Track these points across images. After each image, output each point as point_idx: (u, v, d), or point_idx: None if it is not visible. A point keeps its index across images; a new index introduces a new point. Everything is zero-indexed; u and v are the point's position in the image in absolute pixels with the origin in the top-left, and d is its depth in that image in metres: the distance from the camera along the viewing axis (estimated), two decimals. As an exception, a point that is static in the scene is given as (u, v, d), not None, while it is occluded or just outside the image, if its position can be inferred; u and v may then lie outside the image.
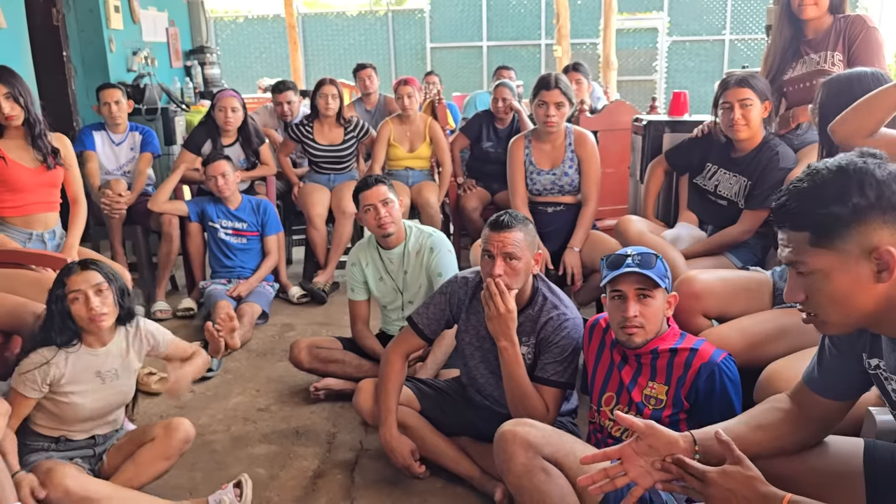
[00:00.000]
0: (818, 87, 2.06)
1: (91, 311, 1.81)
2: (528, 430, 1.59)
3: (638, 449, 1.25)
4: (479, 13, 10.80)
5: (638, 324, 1.65)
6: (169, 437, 1.93)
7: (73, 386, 1.87)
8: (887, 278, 1.04)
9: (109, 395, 1.94)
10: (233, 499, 1.87)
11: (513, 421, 1.65)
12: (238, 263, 3.53)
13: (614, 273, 1.67)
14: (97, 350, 1.91)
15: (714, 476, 1.16)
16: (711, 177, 2.57)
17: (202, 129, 3.78)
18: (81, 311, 1.82)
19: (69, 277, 1.84)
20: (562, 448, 1.57)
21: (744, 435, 1.28)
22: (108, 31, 4.81)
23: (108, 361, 1.93)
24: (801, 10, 2.46)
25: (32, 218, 2.72)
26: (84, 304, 1.82)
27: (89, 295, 1.82)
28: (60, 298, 1.84)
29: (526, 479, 1.53)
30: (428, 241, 2.56)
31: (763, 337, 1.85)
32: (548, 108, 2.78)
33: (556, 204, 2.95)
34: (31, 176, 2.66)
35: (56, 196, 2.80)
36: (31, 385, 1.82)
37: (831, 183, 1.05)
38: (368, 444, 2.33)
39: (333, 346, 2.68)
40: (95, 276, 1.84)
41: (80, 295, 1.82)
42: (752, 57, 9.88)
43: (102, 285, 1.84)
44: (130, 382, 2.00)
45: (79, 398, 1.88)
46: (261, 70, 10.70)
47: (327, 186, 3.95)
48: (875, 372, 1.20)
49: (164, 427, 1.96)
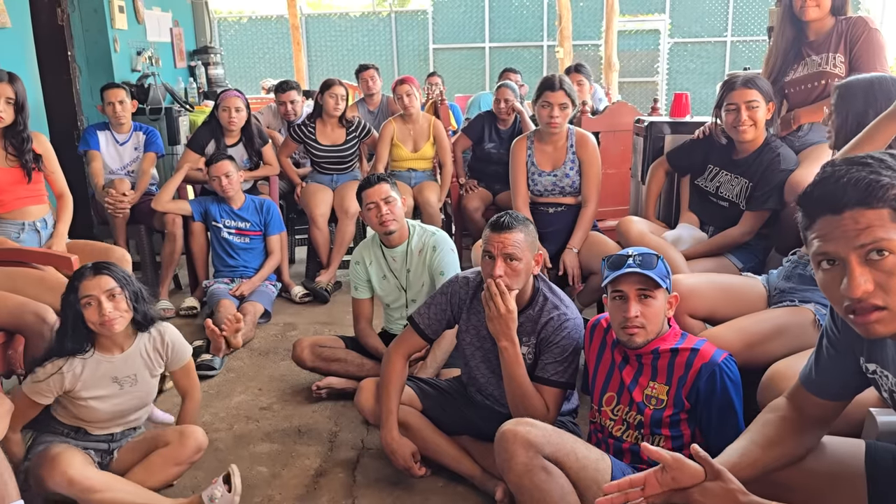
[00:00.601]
0: (832, 89, 2.05)
1: (103, 315, 1.81)
2: (529, 429, 1.59)
3: (662, 480, 1.20)
4: (481, 15, 10.82)
5: (639, 324, 1.66)
6: (182, 444, 1.94)
7: (89, 391, 1.88)
8: None
9: (127, 399, 1.95)
10: (224, 492, 1.88)
11: (513, 420, 1.65)
12: (241, 263, 3.55)
13: (616, 273, 1.67)
14: (114, 356, 1.91)
15: (695, 494, 1.14)
16: (713, 178, 2.58)
17: (206, 128, 3.80)
18: (94, 317, 1.82)
19: (81, 282, 1.83)
20: (562, 447, 1.58)
21: (761, 457, 1.27)
22: (113, 31, 4.83)
23: (126, 367, 1.93)
24: (803, 11, 2.47)
25: (20, 212, 2.71)
26: (96, 309, 1.81)
27: (101, 300, 1.81)
28: (73, 304, 1.84)
29: (526, 478, 1.54)
30: (431, 240, 2.58)
31: (761, 336, 1.86)
32: (552, 108, 2.79)
33: (557, 205, 2.96)
34: (7, 175, 2.64)
35: (40, 189, 2.77)
36: (44, 393, 1.84)
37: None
38: (370, 442, 2.34)
39: (336, 344, 2.69)
40: (108, 282, 1.84)
41: (93, 300, 1.82)
42: (754, 59, 9.89)
43: (115, 290, 1.84)
44: (149, 388, 2.00)
45: (95, 403, 1.89)
46: (264, 70, 10.73)
47: (330, 187, 3.96)
48: (874, 377, 1.20)
49: (178, 433, 1.97)
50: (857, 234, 1.00)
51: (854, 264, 1.01)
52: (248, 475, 2.17)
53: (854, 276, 1.00)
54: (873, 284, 1.00)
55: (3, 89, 2.54)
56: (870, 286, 1.00)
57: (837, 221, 1.01)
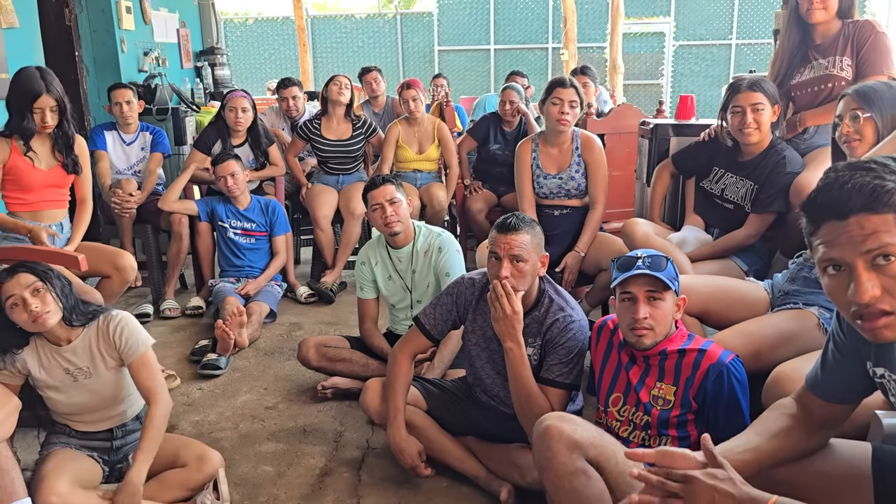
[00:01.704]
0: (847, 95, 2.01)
1: (31, 313, 1.77)
2: (575, 427, 1.52)
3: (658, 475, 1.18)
4: (486, 16, 10.83)
5: (648, 325, 1.66)
6: (200, 470, 1.90)
7: (45, 382, 1.88)
8: None
9: (86, 392, 1.90)
10: (213, 499, 1.89)
11: (556, 415, 1.57)
12: (247, 263, 3.56)
13: (625, 275, 1.67)
14: (61, 347, 1.88)
15: (697, 476, 1.13)
16: (718, 180, 2.58)
17: (212, 129, 3.82)
18: (22, 316, 1.78)
19: (2, 285, 1.79)
20: (605, 451, 1.51)
21: (762, 446, 1.27)
22: (120, 32, 4.85)
23: (77, 359, 1.88)
24: (810, 14, 2.46)
25: (41, 213, 2.77)
26: (23, 307, 1.77)
27: (26, 297, 1.77)
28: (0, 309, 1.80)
29: (566, 481, 1.48)
30: (436, 241, 2.58)
31: (766, 341, 1.86)
32: (562, 105, 2.79)
33: (562, 207, 2.96)
34: (43, 178, 2.73)
35: (65, 194, 2.86)
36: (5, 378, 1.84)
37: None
38: (375, 442, 2.34)
39: (341, 344, 2.70)
40: (28, 278, 1.79)
41: (18, 299, 1.77)
42: (759, 62, 9.88)
43: (37, 284, 1.79)
44: (112, 381, 1.92)
45: (53, 394, 1.89)
46: (270, 71, 10.76)
47: (335, 188, 3.97)
48: (881, 380, 1.20)
49: (197, 458, 1.91)
50: (864, 239, 1.00)
51: (861, 270, 1.01)
52: (254, 474, 2.18)
53: (861, 282, 1.00)
54: (880, 289, 1.00)
55: (45, 101, 2.62)
56: (877, 291, 1.00)
57: (843, 227, 1.02)
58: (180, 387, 2.78)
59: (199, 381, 2.85)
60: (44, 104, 2.61)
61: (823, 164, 2.41)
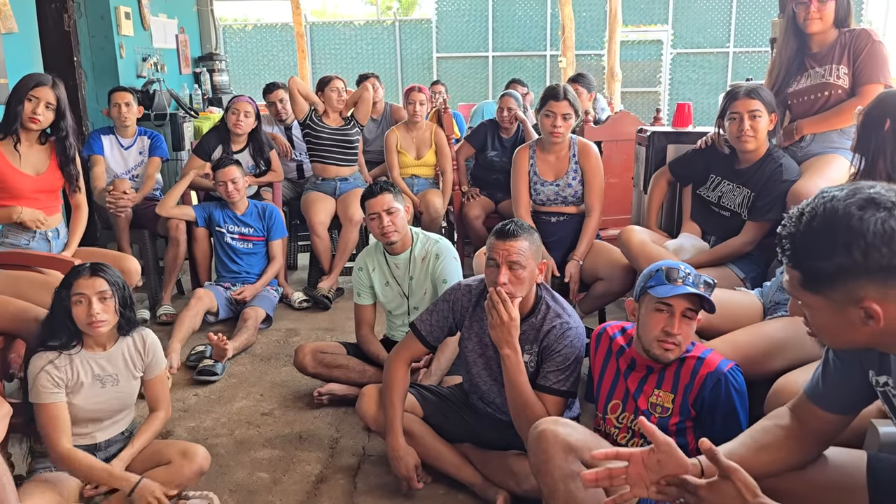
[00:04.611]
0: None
1: (91, 316, 1.84)
2: (570, 431, 1.53)
3: (647, 460, 1.22)
4: (485, 24, 10.87)
5: (677, 342, 1.64)
6: (183, 466, 1.92)
7: (75, 384, 1.89)
8: (875, 324, 1.03)
9: (107, 399, 1.95)
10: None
11: (552, 419, 1.59)
12: (244, 268, 3.56)
13: (675, 291, 1.62)
14: (97, 354, 1.94)
15: (703, 490, 1.14)
16: (715, 188, 2.58)
17: (213, 134, 3.82)
18: (82, 315, 1.85)
19: (77, 280, 1.87)
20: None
21: (747, 458, 1.27)
22: (119, 38, 4.86)
23: (109, 366, 1.94)
24: (807, 24, 2.47)
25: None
26: (86, 308, 1.84)
27: (92, 300, 1.84)
28: (63, 299, 1.87)
29: (562, 483, 1.49)
30: (434, 248, 2.58)
31: (757, 350, 1.85)
32: (555, 118, 2.80)
33: (559, 214, 2.96)
34: (31, 184, 2.66)
35: (56, 199, 2.81)
36: (45, 391, 1.84)
37: (822, 235, 1.03)
38: (371, 449, 2.34)
39: (338, 351, 2.70)
40: (102, 284, 1.87)
41: (84, 299, 1.85)
42: (756, 70, 9.91)
43: (106, 293, 1.87)
44: (130, 390, 2.01)
45: (75, 399, 1.89)
46: (268, 78, 10.71)
47: (332, 195, 3.97)
48: (883, 389, 1.20)
49: (181, 453, 1.95)
50: None
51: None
52: (249, 481, 2.17)
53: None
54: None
55: (44, 93, 2.58)
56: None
57: None
58: (176, 392, 2.77)
59: (195, 386, 2.84)
60: (41, 94, 2.57)
61: (820, 172, 2.42)
